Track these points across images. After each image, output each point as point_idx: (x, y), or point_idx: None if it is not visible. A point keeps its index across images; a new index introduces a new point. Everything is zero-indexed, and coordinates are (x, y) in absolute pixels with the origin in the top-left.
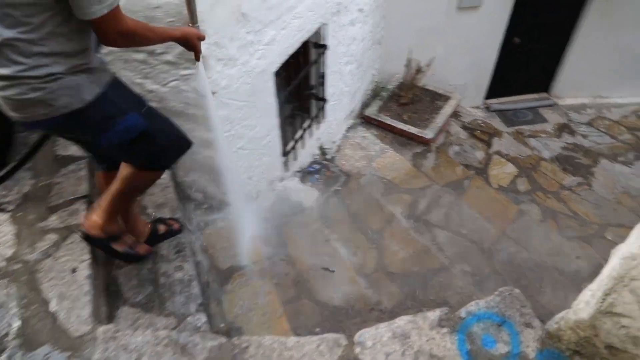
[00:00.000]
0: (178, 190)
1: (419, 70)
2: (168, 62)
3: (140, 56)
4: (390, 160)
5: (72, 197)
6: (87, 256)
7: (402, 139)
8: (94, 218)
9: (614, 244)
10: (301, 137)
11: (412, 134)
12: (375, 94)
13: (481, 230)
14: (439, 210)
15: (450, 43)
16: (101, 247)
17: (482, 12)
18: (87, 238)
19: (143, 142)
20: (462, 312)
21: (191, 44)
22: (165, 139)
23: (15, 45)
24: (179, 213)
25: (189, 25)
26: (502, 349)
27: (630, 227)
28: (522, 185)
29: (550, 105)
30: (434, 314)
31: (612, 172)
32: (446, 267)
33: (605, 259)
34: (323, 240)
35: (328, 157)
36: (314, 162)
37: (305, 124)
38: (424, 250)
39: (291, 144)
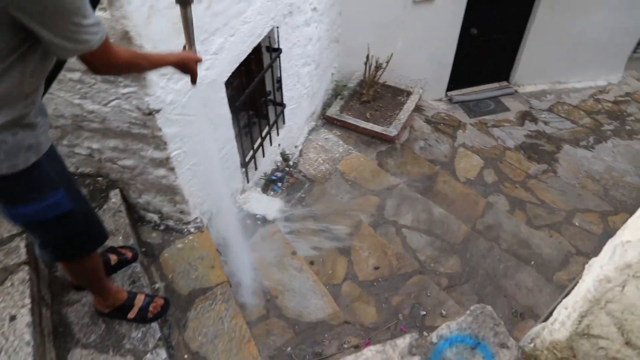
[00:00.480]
0: (131, 213)
1: (379, 67)
2: (106, 81)
3: (76, 75)
4: (355, 161)
5: (9, 234)
6: (27, 300)
7: (366, 138)
8: (94, 296)
9: (582, 230)
10: (260, 145)
11: (376, 132)
12: (336, 93)
13: (452, 228)
14: (407, 210)
15: (409, 37)
16: (119, 318)
17: (438, 5)
18: (101, 314)
19: (60, 224)
20: (434, 337)
21: (188, 68)
22: (85, 225)
23: None
24: (131, 240)
25: (185, 48)
26: None
27: (595, 212)
28: (489, 176)
29: (511, 94)
30: (403, 341)
31: (575, 157)
32: (418, 270)
33: (574, 246)
34: (289, 253)
35: (290, 163)
36: (276, 169)
37: (264, 132)
38: (394, 254)
39: (250, 153)
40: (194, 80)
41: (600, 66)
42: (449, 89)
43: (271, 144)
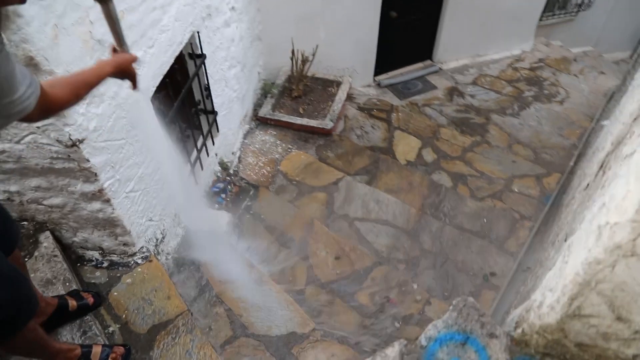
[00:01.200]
0: (68, 254)
1: (305, 60)
2: None
3: None
4: (296, 159)
5: None
6: None
7: (303, 134)
8: None
9: (522, 195)
10: (197, 158)
11: (312, 126)
12: (265, 92)
13: (402, 213)
14: (356, 202)
15: (331, 27)
16: None
17: None
18: None
19: None
20: (422, 340)
21: (126, 72)
22: (13, 307)
23: None
24: (74, 285)
25: (115, 50)
26: None
27: (531, 176)
28: (428, 155)
29: (436, 72)
30: (393, 351)
31: (503, 126)
32: (377, 261)
33: (517, 211)
34: (247, 267)
35: (231, 171)
36: (217, 180)
37: (199, 143)
38: (350, 248)
39: (188, 168)
40: (134, 83)
41: (513, 36)
42: (376, 73)
43: (208, 155)
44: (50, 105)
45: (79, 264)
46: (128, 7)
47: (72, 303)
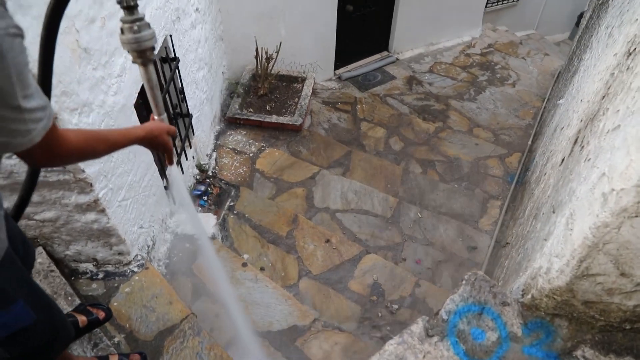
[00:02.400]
0: (61, 268)
1: (269, 58)
2: None
3: None
4: (271, 156)
5: None
6: None
7: (274, 132)
8: None
9: (487, 175)
10: (178, 162)
11: (282, 123)
12: (231, 92)
13: (380, 202)
14: (335, 194)
15: (291, 23)
16: None
17: None
18: None
19: (21, 338)
20: (443, 314)
21: (159, 143)
22: (50, 332)
23: None
24: (76, 299)
25: (152, 118)
26: (492, 336)
27: (494, 157)
28: (396, 144)
29: (393, 62)
30: (417, 327)
31: (462, 111)
32: (365, 250)
33: (485, 191)
34: (240, 266)
35: (209, 173)
36: (198, 183)
37: (179, 147)
38: (337, 240)
39: None
40: (170, 159)
41: (463, 23)
42: (336, 67)
43: (187, 159)
44: (57, 146)
45: (73, 278)
46: (108, 13)
47: (82, 319)
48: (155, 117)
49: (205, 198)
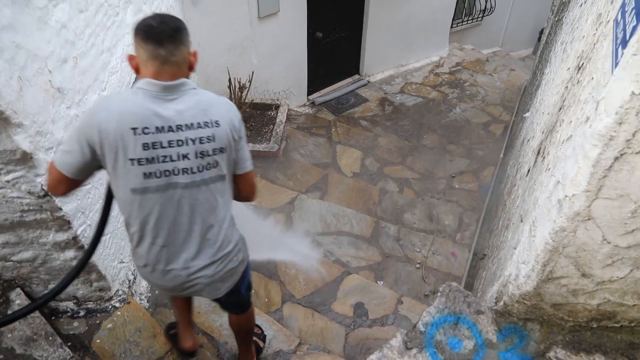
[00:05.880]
0: (42, 309)
1: (242, 87)
2: None
3: None
4: None
5: None
6: None
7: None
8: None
9: (462, 190)
10: None
11: (258, 151)
12: None
13: (358, 222)
14: (314, 218)
15: (263, 52)
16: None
17: (282, 17)
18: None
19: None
20: (420, 326)
21: None
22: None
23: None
24: (58, 339)
25: None
26: (468, 345)
27: (468, 172)
28: (372, 165)
29: (365, 85)
30: (396, 340)
31: (435, 128)
32: (346, 271)
33: (461, 205)
34: None
35: None
36: None
37: None
38: (318, 263)
39: None
40: None
41: (431, 44)
42: (309, 93)
43: None
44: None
45: (53, 317)
46: (80, 52)
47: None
48: None
49: None
